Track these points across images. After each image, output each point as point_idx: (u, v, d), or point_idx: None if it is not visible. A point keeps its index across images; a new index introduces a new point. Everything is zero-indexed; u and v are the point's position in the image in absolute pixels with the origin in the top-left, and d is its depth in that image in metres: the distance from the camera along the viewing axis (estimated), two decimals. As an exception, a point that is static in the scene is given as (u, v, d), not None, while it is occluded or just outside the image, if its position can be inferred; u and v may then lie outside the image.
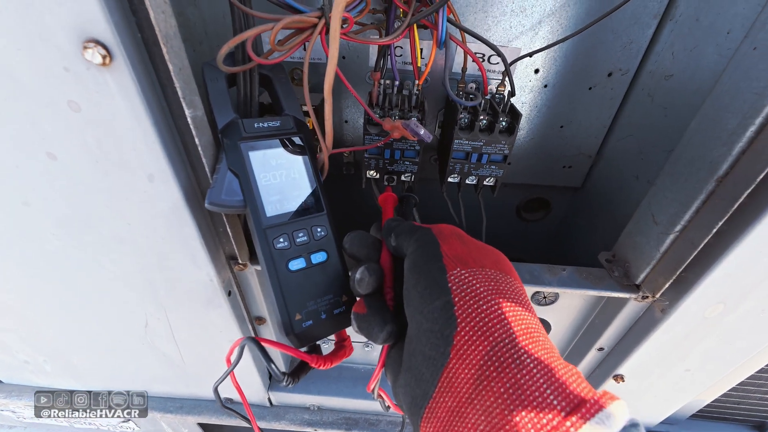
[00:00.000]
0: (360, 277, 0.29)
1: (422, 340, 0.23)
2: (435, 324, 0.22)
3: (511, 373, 0.19)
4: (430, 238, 0.27)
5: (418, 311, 0.24)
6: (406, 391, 0.24)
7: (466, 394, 0.20)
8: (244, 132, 0.33)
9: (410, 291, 0.25)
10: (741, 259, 0.35)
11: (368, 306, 0.28)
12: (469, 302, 0.22)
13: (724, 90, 0.33)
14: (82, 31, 0.25)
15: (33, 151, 0.32)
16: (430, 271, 0.25)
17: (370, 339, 0.28)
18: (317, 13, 0.32)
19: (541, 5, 0.46)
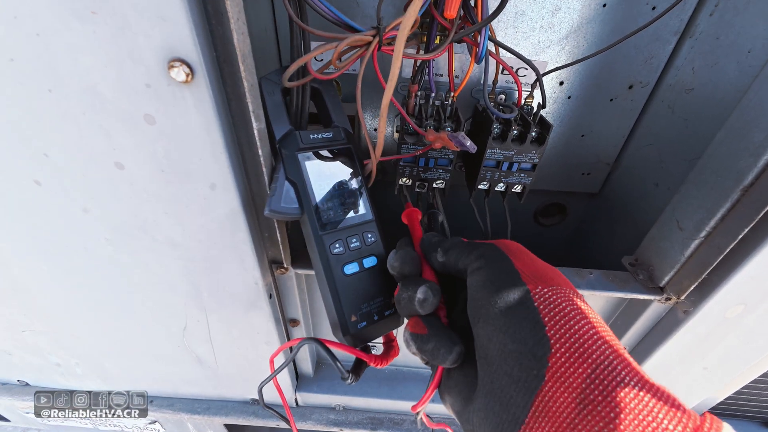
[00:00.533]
0: (423, 297, 0.28)
1: (508, 361, 0.22)
2: (524, 345, 0.21)
3: (618, 396, 0.18)
4: (499, 254, 0.26)
5: (501, 331, 0.23)
6: (487, 416, 0.22)
7: (568, 419, 0.19)
8: (301, 143, 0.35)
9: (486, 308, 0.24)
10: (764, 262, 0.38)
11: (429, 326, 0.27)
12: (560, 322, 0.22)
13: (751, 105, 0.35)
14: (169, 51, 0.27)
15: (102, 161, 0.33)
16: (511, 287, 0.24)
17: (435, 361, 0.26)
18: (372, 32, 0.34)
19: (568, 22, 0.48)
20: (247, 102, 0.30)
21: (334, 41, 0.32)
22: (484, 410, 0.22)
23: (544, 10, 0.47)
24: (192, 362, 0.58)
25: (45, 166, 0.34)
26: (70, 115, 0.30)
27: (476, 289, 0.25)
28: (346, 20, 0.33)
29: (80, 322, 0.54)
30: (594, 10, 0.47)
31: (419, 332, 0.27)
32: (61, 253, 0.43)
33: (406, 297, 0.29)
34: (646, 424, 0.17)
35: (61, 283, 0.47)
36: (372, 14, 0.48)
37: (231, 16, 0.26)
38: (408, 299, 0.29)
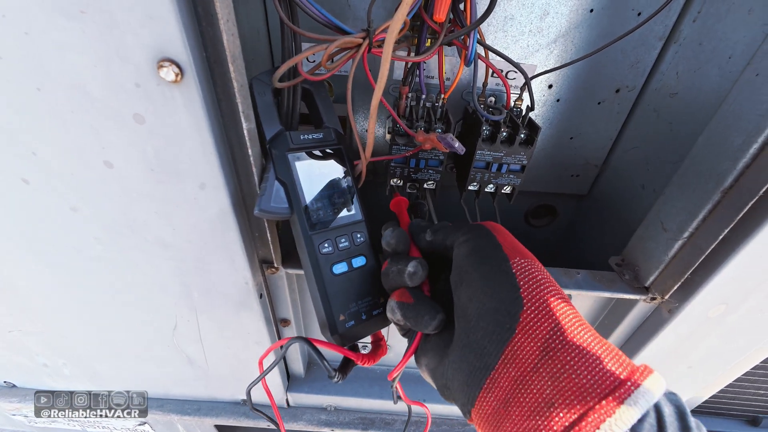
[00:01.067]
0: (413, 270, 0.31)
1: (485, 318, 0.25)
2: (501, 303, 0.25)
3: (575, 345, 0.22)
4: (485, 231, 0.30)
5: (481, 291, 0.26)
6: (461, 366, 0.25)
7: (532, 364, 0.22)
8: (292, 143, 0.35)
9: (471, 274, 0.27)
10: (744, 263, 0.39)
11: (415, 296, 0.30)
12: (533, 286, 0.25)
13: (730, 110, 0.36)
14: (159, 51, 0.27)
15: (91, 160, 0.33)
16: (493, 257, 0.27)
17: (418, 327, 0.29)
18: (362, 34, 0.34)
19: (557, 26, 0.49)
20: (237, 102, 0.31)
21: (324, 43, 0.32)
22: (459, 361, 0.26)
23: (532, 14, 0.48)
24: (182, 363, 0.58)
25: (33, 164, 0.34)
26: (58, 113, 0.30)
27: (462, 258, 0.29)
28: (336, 22, 0.34)
29: (69, 323, 0.53)
30: (581, 15, 0.48)
31: (406, 301, 0.30)
32: (50, 252, 0.42)
33: (395, 270, 0.32)
34: (595, 365, 0.21)
35: (50, 282, 0.47)
36: (363, 16, 0.48)
37: (221, 17, 0.27)
38: (398, 272, 0.31)
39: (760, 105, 0.33)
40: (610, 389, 0.20)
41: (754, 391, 0.61)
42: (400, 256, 0.33)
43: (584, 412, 0.20)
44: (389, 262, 0.33)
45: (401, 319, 0.30)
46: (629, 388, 0.20)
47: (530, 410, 0.21)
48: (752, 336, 0.48)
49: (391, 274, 0.32)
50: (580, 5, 0.47)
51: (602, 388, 0.20)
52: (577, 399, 0.20)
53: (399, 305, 0.30)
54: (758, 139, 0.34)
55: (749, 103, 0.34)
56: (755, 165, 0.34)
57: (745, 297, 0.43)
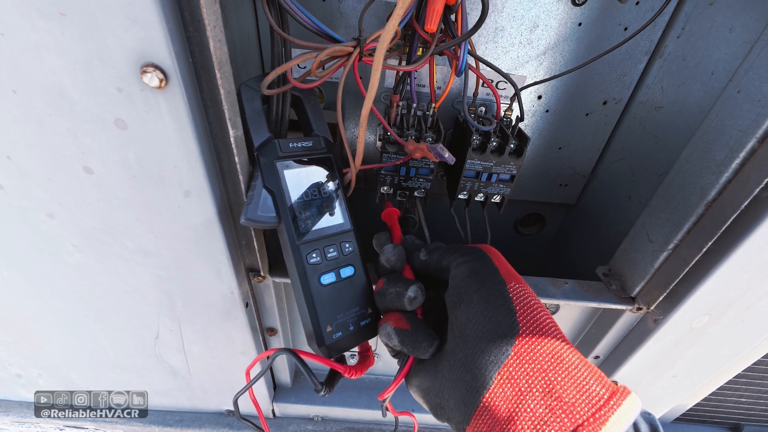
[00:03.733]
0: (413, 295, 0.31)
1: (483, 339, 0.26)
2: (499, 327, 0.26)
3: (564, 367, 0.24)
4: (482, 254, 0.31)
5: (482, 314, 0.27)
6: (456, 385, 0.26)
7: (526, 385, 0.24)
8: (280, 151, 0.35)
9: (470, 295, 0.28)
10: (726, 275, 0.40)
11: (411, 322, 0.30)
12: (528, 311, 0.27)
13: (713, 126, 0.37)
14: (142, 56, 0.26)
15: (70, 165, 0.32)
16: (493, 281, 0.28)
17: (415, 353, 0.30)
18: (353, 42, 0.34)
19: (546, 39, 0.50)
20: (223, 109, 0.30)
21: (314, 51, 0.32)
22: (456, 380, 0.26)
23: (522, 26, 0.49)
24: (164, 373, 0.56)
25: (7, 169, 0.32)
26: (35, 116, 0.29)
27: (461, 279, 0.29)
28: (327, 30, 0.34)
29: (44, 331, 0.51)
30: (570, 28, 0.49)
31: (403, 327, 0.30)
32: (25, 259, 0.41)
33: (394, 292, 0.32)
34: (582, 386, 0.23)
35: (24, 290, 0.45)
36: (355, 24, 0.48)
37: (208, 22, 0.26)
38: (396, 295, 0.32)
39: (741, 121, 0.34)
40: (596, 408, 0.22)
41: (736, 399, 0.62)
42: (396, 276, 0.33)
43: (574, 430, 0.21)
44: (386, 282, 0.33)
45: (398, 345, 0.31)
46: (612, 407, 0.22)
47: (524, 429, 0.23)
48: (734, 346, 0.49)
49: (389, 296, 0.32)
50: (569, 19, 0.48)
51: (590, 407, 0.22)
52: (568, 418, 0.22)
53: (396, 332, 0.30)
54: (740, 154, 0.34)
55: (731, 119, 0.35)
56: (737, 179, 0.35)
57: (727, 308, 0.44)
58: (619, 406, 0.22)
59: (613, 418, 0.22)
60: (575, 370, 0.24)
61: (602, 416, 0.22)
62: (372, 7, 0.47)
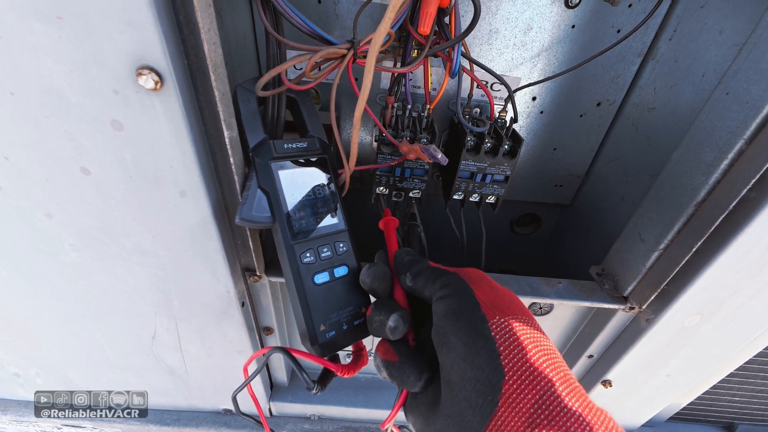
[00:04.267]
0: (394, 325, 0.29)
1: (467, 387, 0.23)
2: (481, 372, 0.23)
3: (561, 421, 0.21)
4: (461, 285, 0.28)
5: (462, 359, 0.24)
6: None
7: None
8: (275, 152, 0.35)
9: (449, 338, 0.26)
10: (716, 274, 0.40)
11: (399, 353, 0.29)
12: (514, 352, 0.24)
13: (702, 127, 0.38)
14: (137, 58, 0.26)
15: (67, 166, 0.32)
16: (470, 320, 0.25)
17: (404, 386, 0.28)
18: (347, 45, 0.35)
19: (540, 41, 0.50)
20: (218, 111, 0.30)
21: (308, 53, 0.32)
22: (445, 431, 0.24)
23: (516, 29, 0.49)
24: (162, 372, 0.57)
25: (5, 169, 0.33)
26: (32, 118, 0.29)
27: (440, 318, 0.27)
28: (321, 32, 0.34)
29: (42, 331, 0.51)
30: (563, 30, 0.49)
31: (390, 359, 0.29)
32: (23, 258, 0.41)
33: (377, 321, 0.30)
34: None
35: (22, 290, 0.45)
36: (350, 26, 0.48)
37: (202, 25, 0.26)
38: (380, 323, 0.30)
39: (730, 122, 0.35)
40: None
41: (729, 398, 0.63)
42: (382, 303, 0.32)
43: None
44: (372, 309, 0.31)
45: (387, 378, 0.29)
46: None
47: None
48: (726, 345, 0.50)
49: (374, 324, 0.31)
50: (562, 21, 0.48)
51: None
52: None
53: (384, 364, 0.29)
54: (728, 155, 0.35)
55: (720, 120, 0.36)
56: (726, 180, 0.36)
57: (718, 307, 0.44)
58: None
59: None
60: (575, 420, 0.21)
61: None
62: (368, 9, 0.47)
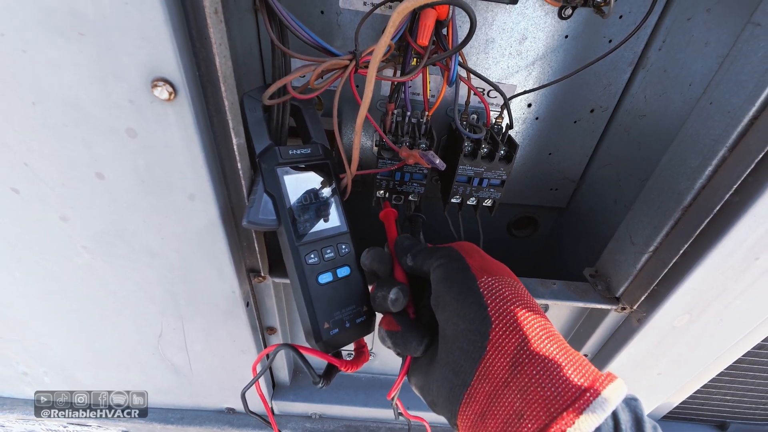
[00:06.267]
0: (395, 297, 0.32)
1: (459, 338, 0.27)
2: (472, 323, 0.26)
3: (541, 357, 0.24)
4: (455, 254, 0.31)
5: (455, 314, 0.28)
6: (443, 383, 0.27)
7: (502, 379, 0.24)
8: (281, 158, 0.37)
9: (444, 297, 0.29)
10: (703, 275, 0.42)
11: (401, 323, 0.32)
12: (500, 304, 0.27)
13: (688, 135, 0.39)
14: (152, 71, 0.28)
15: (83, 171, 0.34)
16: (462, 279, 0.29)
17: (407, 352, 0.31)
18: (349, 56, 0.36)
19: (534, 50, 0.52)
20: (227, 119, 0.32)
21: (312, 64, 0.34)
22: (441, 379, 0.28)
23: (512, 38, 0.51)
24: (167, 371, 0.58)
25: (24, 174, 0.34)
26: (52, 126, 0.31)
27: (437, 283, 0.30)
28: (324, 45, 0.36)
29: (52, 330, 0.53)
30: (557, 40, 0.51)
31: (393, 329, 0.32)
32: (36, 260, 0.43)
33: (380, 296, 0.33)
34: (559, 377, 0.23)
35: (34, 290, 0.47)
36: (352, 35, 0.50)
37: (214, 40, 0.28)
38: (382, 298, 0.33)
39: (714, 130, 0.36)
40: (571, 400, 0.22)
41: (721, 397, 0.64)
42: (383, 280, 0.35)
43: (548, 423, 0.22)
44: (375, 286, 0.34)
45: (391, 346, 0.32)
46: (588, 399, 0.22)
47: (503, 422, 0.23)
48: (715, 344, 0.51)
49: (378, 300, 0.34)
50: (556, 31, 0.50)
51: (564, 399, 0.22)
52: (543, 410, 0.22)
53: (387, 333, 0.32)
54: (712, 162, 0.37)
55: (704, 128, 0.38)
56: (710, 185, 0.37)
57: (706, 307, 0.46)
58: (597, 396, 0.22)
59: (589, 409, 0.22)
60: (553, 360, 0.24)
61: (577, 408, 0.22)
62: (368, 19, 0.49)
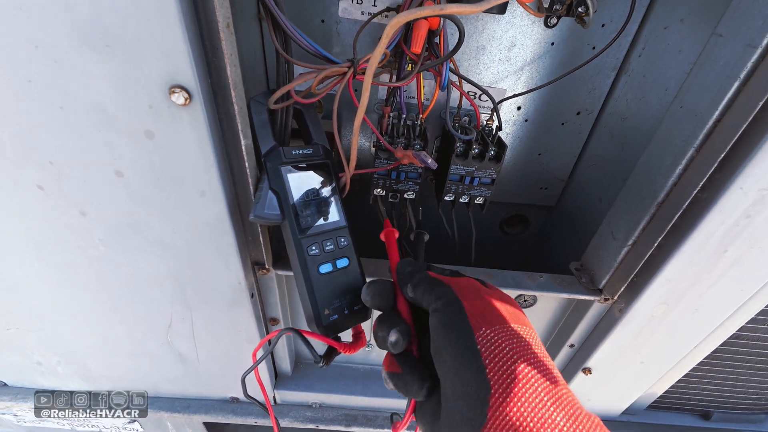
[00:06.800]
0: (395, 340, 0.31)
1: (459, 401, 0.25)
2: (470, 387, 0.25)
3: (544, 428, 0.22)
4: (452, 297, 0.29)
5: (453, 372, 0.26)
6: None
7: None
8: (284, 158, 0.40)
9: (441, 352, 0.27)
10: (677, 267, 0.45)
11: (402, 364, 0.30)
12: (499, 364, 0.25)
13: (662, 136, 0.42)
14: (171, 78, 0.31)
15: (103, 169, 0.37)
16: (459, 333, 0.27)
17: (409, 396, 0.30)
18: (348, 63, 0.40)
19: (522, 56, 0.55)
20: (236, 122, 0.35)
21: (314, 71, 0.37)
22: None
23: (501, 45, 0.54)
24: (174, 360, 0.61)
25: (49, 172, 0.38)
26: (77, 128, 0.34)
27: (434, 330, 0.29)
28: (325, 53, 0.39)
29: (66, 320, 0.56)
30: (544, 47, 0.54)
31: (394, 371, 0.31)
32: (55, 252, 0.46)
33: (380, 336, 0.32)
34: None
35: (52, 281, 0.50)
36: (350, 42, 0.53)
37: (226, 52, 0.31)
38: (382, 339, 0.32)
39: (683, 132, 0.40)
40: None
41: (703, 387, 0.67)
42: (384, 317, 0.33)
43: None
44: (377, 324, 0.33)
45: (393, 388, 0.31)
46: None
47: None
48: (691, 333, 0.54)
49: (378, 339, 0.32)
50: (542, 39, 0.53)
51: None
52: None
53: (389, 375, 0.31)
54: (682, 161, 0.40)
55: (676, 130, 0.41)
56: (680, 183, 0.41)
57: (681, 297, 0.49)
58: None
59: None
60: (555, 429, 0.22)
61: None
62: (367, 27, 0.52)
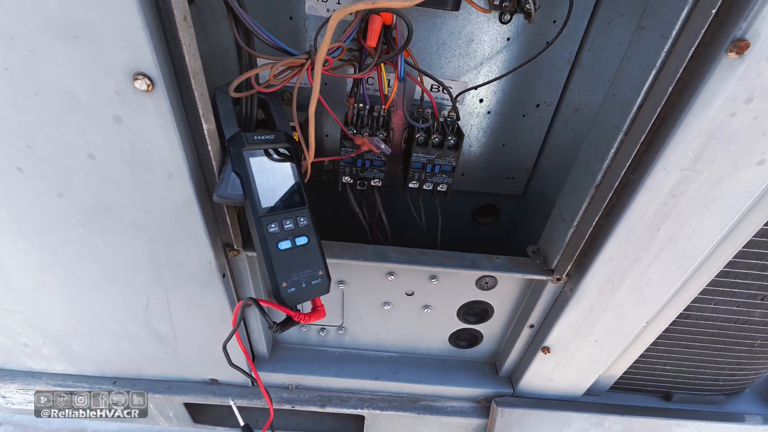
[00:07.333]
0: None
1: None
2: None
3: None
4: None
5: None
6: None
7: None
8: (247, 143, 0.43)
9: None
10: (616, 246, 0.48)
11: None
12: None
13: (600, 122, 0.46)
14: (134, 67, 0.34)
15: (77, 152, 0.40)
16: None
17: None
18: (305, 55, 0.43)
19: (481, 51, 0.58)
20: (198, 108, 0.39)
21: (270, 62, 0.40)
22: None
23: (460, 41, 0.57)
24: (153, 341, 0.64)
25: (27, 155, 0.41)
26: (51, 114, 0.37)
27: None
28: (283, 46, 0.42)
29: (51, 302, 0.59)
30: (501, 42, 0.58)
31: None
32: (37, 233, 0.49)
33: None
34: None
35: (35, 262, 0.53)
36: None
37: (184, 42, 0.35)
38: None
39: (615, 118, 0.43)
40: None
41: (661, 367, 0.70)
42: None
43: None
44: None
45: None
46: None
47: None
48: (639, 310, 0.57)
49: None
50: (498, 35, 0.57)
51: None
52: None
53: None
54: (614, 145, 0.43)
55: (609, 117, 0.44)
56: (613, 165, 0.44)
57: (625, 275, 0.52)
58: None
59: None
60: None
61: None
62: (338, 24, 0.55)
